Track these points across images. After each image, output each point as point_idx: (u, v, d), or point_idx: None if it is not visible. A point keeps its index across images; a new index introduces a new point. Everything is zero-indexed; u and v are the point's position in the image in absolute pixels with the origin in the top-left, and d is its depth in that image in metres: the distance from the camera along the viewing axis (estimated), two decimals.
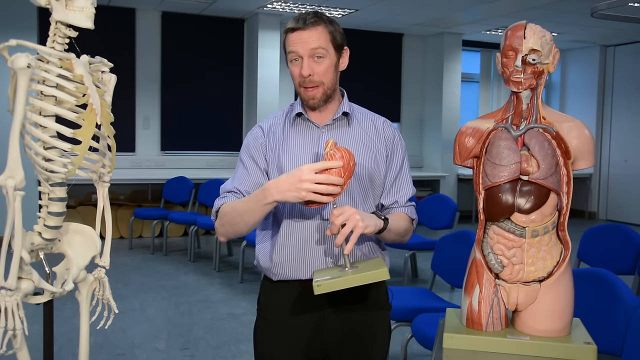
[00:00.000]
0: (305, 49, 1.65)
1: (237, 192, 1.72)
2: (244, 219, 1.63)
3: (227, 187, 1.75)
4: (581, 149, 1.51)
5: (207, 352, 3.71)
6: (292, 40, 1.66)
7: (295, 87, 1.74)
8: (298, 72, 1.68)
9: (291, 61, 1.69)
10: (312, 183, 1.47)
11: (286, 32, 1.69)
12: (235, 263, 5.95)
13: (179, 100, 7.74)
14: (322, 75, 1.67)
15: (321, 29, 1.66)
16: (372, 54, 8.56)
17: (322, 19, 1.67)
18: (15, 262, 1.60)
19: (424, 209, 5.17)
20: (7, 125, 1.56)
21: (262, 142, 1.76)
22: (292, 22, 1.67)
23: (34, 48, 1.61)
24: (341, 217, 1.50)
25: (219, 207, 1.72)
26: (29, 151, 1.63)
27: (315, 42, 1.64)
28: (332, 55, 1.69)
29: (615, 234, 3.55)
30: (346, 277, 1.48)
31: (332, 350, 1.74)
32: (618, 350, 2.01)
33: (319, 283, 1.47)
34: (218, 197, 1.75)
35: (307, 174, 1.47)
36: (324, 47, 1.66)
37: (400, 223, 1.72)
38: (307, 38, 1.64)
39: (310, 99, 1.70)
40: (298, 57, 1.67)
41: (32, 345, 1.73)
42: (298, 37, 1.65)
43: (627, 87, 9.22)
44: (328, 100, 1.72)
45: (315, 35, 1.65)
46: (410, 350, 3.31)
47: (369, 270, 1.51)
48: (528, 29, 1.51)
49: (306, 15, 1.66)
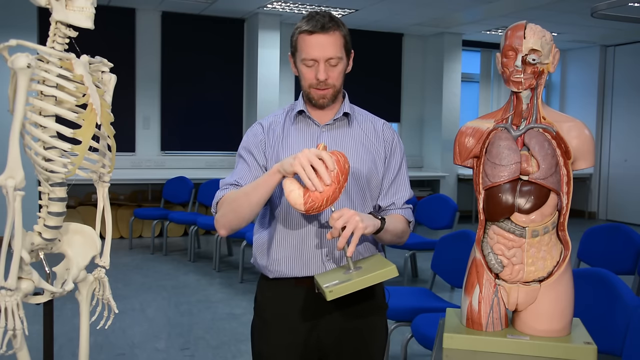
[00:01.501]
0: (324, 54, 1.65)
1: (238, 185, 1.72)
2: (248, 199, 1.61)
3: (228, 181, 1.75)
4: (581, 149, 1.51)
5: (207, 352, 3.71)
6: (310, 44, 1.66)
7: (303, 87, 1.74)
8: (312, 75, 1.68)
9: (304, 63, 1.69)
10: (308, 160, 1.46)
11: (301, 33, 1.67)
12: (235, 263, 5.95)
13: (179, 100, 7.74)
14: (335, 80, 1.70)
15: (338, 35, 1.67)
16: (372, 54, 8.55)
17: (338, 24, 1.68)
18: (15, 262, 1.60)
19: (424, 209, 5.17)
20: (7, 125, 1.56)
21: (261, 139, 1.77)
22: (307, 24, 1.66)
23: (34, 48, 1.61)
24: (341, 220, 1.49)
25: (220, 197, 1.72)
26: (29, 151, 1.63)
27: (333, 49, 1.66)
28: (344, 60, 1.71)
29: (615, 234, 3.55)
30: (357, 280, 1.46)
31: (329, 350, 1.74)
32: (618, 350, 2.02)
33: (330, 289, 1.44)
34: (218, 190, 1.75)
35: (309, 150, 1.47)
36: (340, 53, 1.68)
37: (397, 224, 1.73)
38: (325, 43, 1.65)
39: (321, 98, 1.71)
40: (314, 61, 1.67)
41: (32, 345, 1.73)
42: (316, 42, 1.65)
43: (627, 87, 9.22)
44: (334, 100, 1.74)
45: (332, 41, 1.66)
46: (410, 350, 3.32)
47: (375, 270, 1.50)
48: (528, 29, 1.50)
49: (322, 19, 1.65)
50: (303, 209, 1.47)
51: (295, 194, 1.48)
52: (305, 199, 1.46)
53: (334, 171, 1.47)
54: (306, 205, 1.46)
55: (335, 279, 1.51)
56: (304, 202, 1.46)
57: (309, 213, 1.49)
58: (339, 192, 1.48)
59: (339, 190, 1.48)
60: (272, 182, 1.56)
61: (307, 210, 1.47)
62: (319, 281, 1.54)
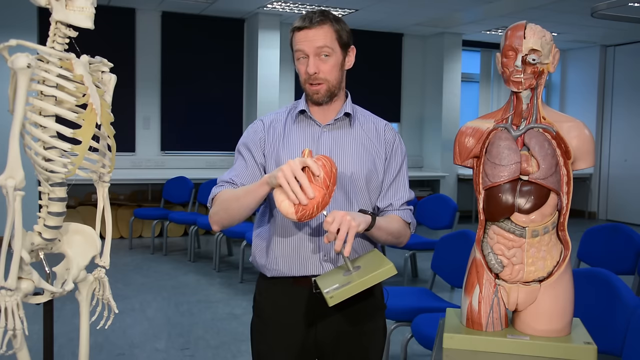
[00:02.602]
0: (311, 47, 1.67)
1: (233, 183, 1.73)
2: (239, 202, 1.63)
3: (225, 178, 1.76)
4: (581, 149, 1.51)
5: (207, 352, 3.71)
6: (299, 39, 1.68)
7: (301, 84, 1.75)
8: (304, 69, 1.70)
9: (298, 59, 1.71)
10: (292, 173, 1.45)
11: (293, 31, 1.70)
12: (235, 263, 5.95)
13: (179, 100, 7.74)
14: (327, 73, 1.69)
15: (327, 28, 1.68)
16: (372, 54, 8.55)
17: (329, 18, 1.69)
18: (15, 262, 1.60)
19: (424, 209, 5.17)
20: (7, 125, 1.56)
21: (260, 137, 1.77)
22: (298, 21, 1.69)
23: (34, 48, 1.61)
24: (334, 223, 1.49)
25: (215, 194, 1.73)
26: (29, 151, 1.63)
27: (321, 41, 1.66)
28: (338, 54, 1.71)
29: (615, 234, 3.55)
30: (357, 282, 1.46)
31: (327, 350, 1.74)
32: (618, 350, 2.01)
33: (331, 294, 1.44)
34: (215, 186, 1.76)
35: (293, 162, 1.46)
36: (330, 45, 1.68)
37: (392, 224, 1.72)
38: (313, 37, 1.66)
39: (315, 93, 1.71)
40: (304, 56, 1.69)
41: (32, 345, 1.73)
42: (304, 36, 1.67)
43: (627, 87, 9.22)
44: (332, 97, 1.74)
45: (321, 34, 1.67)
46: (410, 350, 3.32)
47: (373, 269, 1.50)
48: (528, 29, 1.51)
49: (312, 14, 1.68)
50: (295, 217, 1.48)
51: (285, 204, 1.48)
52: (296, 208, 1.47)
53: (320, 176, 1.46)
54: (297, 214, 1.47)
55: (335, 281, 1.51)
56: (295, 212, 1.47)
57: (302, 221, 1.50)
58: (328, 197, 1.48)
59: (328, 195, 1.48)
60: (261, 192, 1.58)
61: (299, 219, 1.48)
62: (319, 285, 1.53)
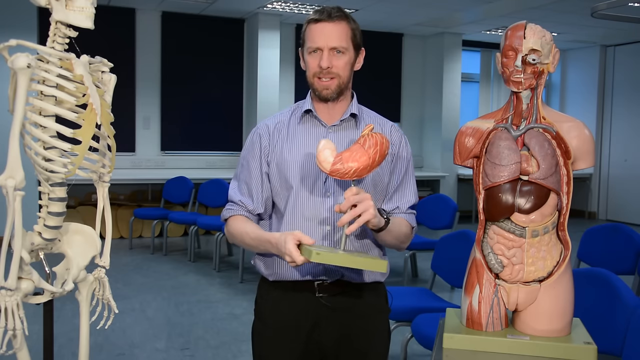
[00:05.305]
0: (328, 42, 1.65)
1: (242, 205, 1.76)
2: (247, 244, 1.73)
3: (234, 198, 1.78)
4: (581, 149, 1.51)
5: (207, 352, 3.71)
6: (315, 32, 1.66)
7: (308, 79, 1.73)
8: (316, 63, 1.67)
9: (310, 52, 1.69)
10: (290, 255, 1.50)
11: (308, 23, 1.69)
12: (235, 263, 5.95)
13: (179, 100, 7.73)
14: (340, 69, 1.68)
15: (344, 25, 1.67)
16: (372, 54, 8.50)
17: (346, 15, 1.69)
18: (15, 262, 1.60)
19: (424, 209, 5.17)
20: (7, 125, 1.56)
21: (264, 145, 1.76)
22: (316, 14, 1.68)
23: (34, 48, 1.61)
24: (356, 197, 1.49)
25: (226, 217, 1.79)
26: (29, 151, 1.63)
27: (337, 38, 1.66)
28: (351, 53, 1.70)
29: (615, 234, 3.55)
30: (346, 255, 1.47)
31: (329, 353, 1.73)
32: (618, 350, 2.01)
33: (318, 252, 1.44)
34: (226, 208, 1.80)
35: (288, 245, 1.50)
36: (345, 43, 1.67)
37: (400, 228, 1.71)
38: (330, 32, 1.65)
39: (324, 88, 1.69)
40: (318, 49, 1.66)
41: (32, 345, 1.72)
42: (321, 29, 1.66)
43: (627, 87, 9.22)
44: (340, 95, 1.72)
45: (338, 30, 1.66)
46: (410, 350, 3.31)
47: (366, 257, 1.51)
48: (528, 29, 1.51)
49: (331, 9, 1.67)
50: (328, 168, 1.48)
51: (327, 153, 1.49)
52: (335, 159, 1.48)
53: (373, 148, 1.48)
54: (333, 166, 1.48)
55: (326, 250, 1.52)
56: (333, 163, 1.48)
57: (332, 175, 1.50)
58: (369, 170, 1.50)
59: (369, 168, 1.49)
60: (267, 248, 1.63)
61: (331, 172, 1.48)
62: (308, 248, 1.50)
